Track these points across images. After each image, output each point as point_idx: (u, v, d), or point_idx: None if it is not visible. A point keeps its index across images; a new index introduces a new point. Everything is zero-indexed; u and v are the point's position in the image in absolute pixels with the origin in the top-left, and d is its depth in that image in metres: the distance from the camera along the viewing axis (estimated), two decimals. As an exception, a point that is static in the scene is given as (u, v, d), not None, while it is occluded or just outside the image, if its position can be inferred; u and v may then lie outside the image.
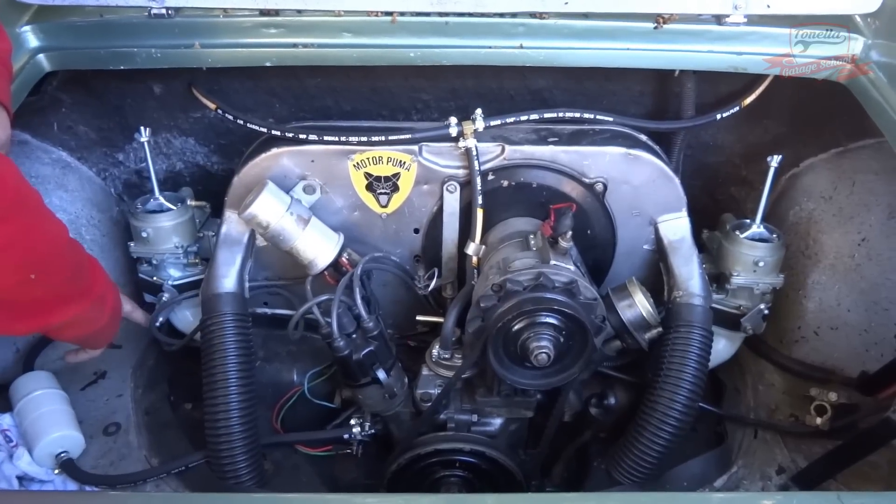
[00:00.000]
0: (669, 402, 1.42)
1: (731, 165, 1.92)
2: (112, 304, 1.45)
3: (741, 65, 1.55)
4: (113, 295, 1.46)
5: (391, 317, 1.79)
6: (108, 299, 1.43)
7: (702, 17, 1.54)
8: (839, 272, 1.71)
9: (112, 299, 1.45)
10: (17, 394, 1.55)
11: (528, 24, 1.52)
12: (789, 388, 1.71)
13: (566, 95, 1.73)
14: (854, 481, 1.43)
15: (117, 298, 1.49)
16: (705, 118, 1.67)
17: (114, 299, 1.46)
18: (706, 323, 1.49)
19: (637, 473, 1.46)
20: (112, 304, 1.45)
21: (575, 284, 1.35)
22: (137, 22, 1.52)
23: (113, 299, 1.46)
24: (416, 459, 1.52)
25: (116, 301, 1.48)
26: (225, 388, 1.42)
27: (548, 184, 1.58)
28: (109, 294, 1.44)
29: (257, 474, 1.46)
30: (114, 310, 1.47)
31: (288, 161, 1.56)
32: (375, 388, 1.53)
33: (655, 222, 1.63)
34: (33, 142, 1.79)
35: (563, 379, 1.40)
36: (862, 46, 1.53)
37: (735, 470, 1.53)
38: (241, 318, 1.49)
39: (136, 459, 1.53)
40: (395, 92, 1.73)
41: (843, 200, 1.73)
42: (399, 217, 1.64)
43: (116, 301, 1.48)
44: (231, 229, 1.58)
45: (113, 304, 1.46)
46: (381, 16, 1.51)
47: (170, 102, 1.77)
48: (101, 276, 1.41)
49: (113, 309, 1.46)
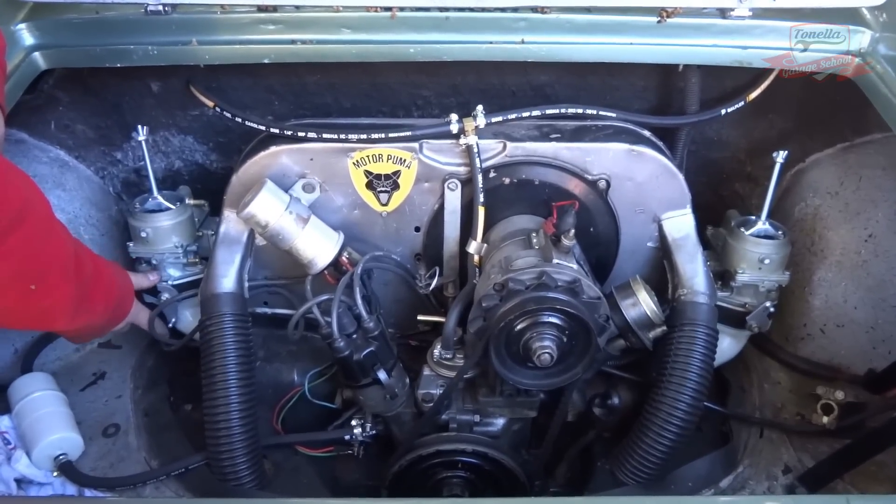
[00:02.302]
0: (674, 401, 1.41)
1: (736, 161, 1.90)
2: (109, 313, 1.45)
3: (746, 59, 1.53)
4: (113, 305, 1.46)
5: (392, 316, 1.78)
6: (107, 310, 1.43)
7: (706, 10, 1.52)
8: (846, 269, 1.69)
9: (111, 309, 1.45)
10: (15, 395, 1.55)
11: (529, 18, 1.50)
12: (795, 386, 1.70)
13: (568, 91, 1.71)
14: (861, 481, 1.42)
15: (119, 308, 1.49)
16: (710, 113, 1.66)
17: (113, 309, 1.46)
18: (711, 321, 1.48)
19: (641, 474, 1.44)
20: (109, 313, 1.45)
21: (578, 283, 1.33)
22: (134, 19, 1.51)
23: (112, 309, 1.46)
24: (417, 460, 1.51)
25: (116, 311, 1.48)
26: (225, 390, 1.41)
27: (550, 181, 1.57)
28: (110, 305, 1.44)
29: (258, 476, 1.45)
30: (111, 318, 1.47)
31: (287, 159, 1.55)
32: (376, 389, 1.51)
33: (659, 219, 1.61)
34: (31, 141, 1.78)
35: (567, 379, 1.38)
36: (869, 40, 1.51)
37: (741, 470, 1.52)
38: (240, 318, 1.48)
39: (135, 461, 1.52)
40: (395, 88, 1.72)
41: (849, 196, 1.71)
42: (400, 215, 1.63)
43: (116, 311, 1.48)
44: (230, 228, 1.57)
45: (111, 314, 1.46)
46: (381, 11, 1.49)
47: (168, 100, 1.75)
48: (104, 289, 1.39)
49: (110, 318, 1.46)
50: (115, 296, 1.45)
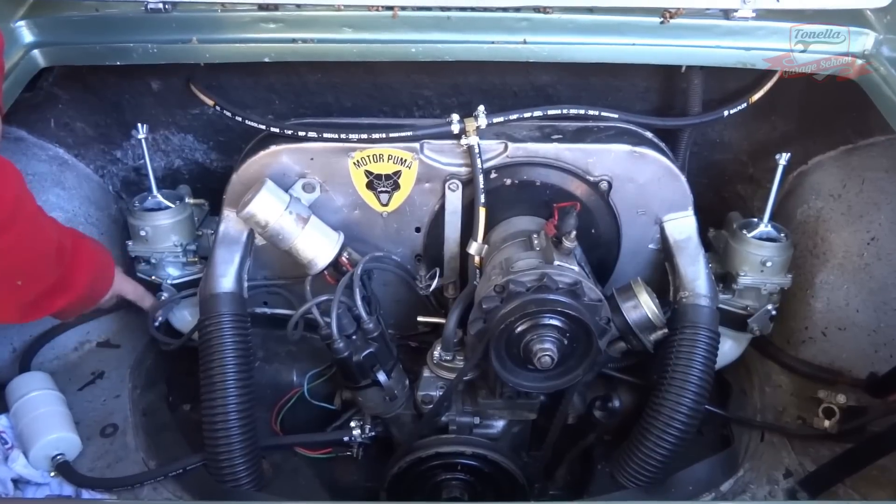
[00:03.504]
0: (675, 404, 1.40)
1: (738, 163, 1.90)
2: (89, 287, 1.46)
3: (749, 61, 1.53)
4: (94, 278, 1.46)
5: (392, 317, 1.77)
6: (88, 286, 1.44)
7: (709, 11, 1.51)
8: (848, 272, 1.68)
9: (91, 282, 1.45)
10: (13, 395, 1.54)
11: (531, 18, 1.50)
12: (797, 389, 1.69)
13: (570, 92, 1.71)
14: (863, 486, 1.41)
15: (100, 280, 1.50)
16: (712, 115, 1.65)
17: (93, 282, 1.47)
18: (713, 324, 1.47)
19: (642, 477, 1.43)
20: (89, 287, 1.46)
21: (579, 285, 1.33)
22: (134, 17, 1.50)
23: (92, 282, 1.46)
24: (417, 462, 1.50)
25: (97, 283, 1.49)
26: (223, 390, 1.41)
27: (551, 182, 1.56)
28: (90, 279, 1.44)
29: (256, 477, 1.44)
30: (92, 291, 1.48)
31: (287, 159, 1.54)
32: (376, 391, 1.51)
33: (661, 221, 1.60)
34: (30, 138, 1.77)
35: (567, 382, 1.38)
36: (873, 42, 1.51)
37: (742, 473, 1.51)
38: (239, 318, 1.47)
39: (133, 461, 1.51)
40: (396, 88, 1.71)
41: (852, 198, 1.70)
42: (400, 216, 1.62)
43: (97, 283, 1.49)
44: (229, 228, 1.57)
45: (90, 287, 1.46)
46: (382, 10, 1.49)
47: (168, 99, 1.75)
48: (84, 266, 1.40)
49: (91, 291, 1.47)
50: (94, 269, 1.46)
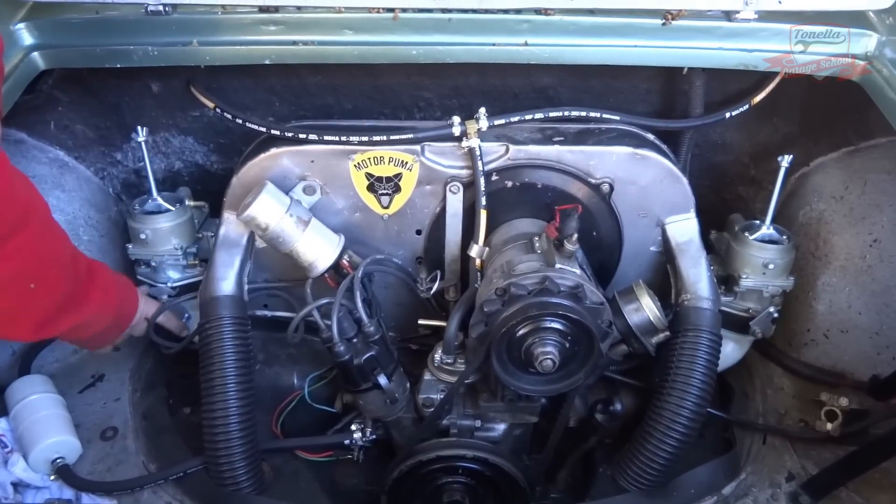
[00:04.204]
0: (677, 407, 1.40)
1: (740, 165, 1.89)
2: (114, 310, 1.45)
3: (751, 62, 1.52)
4: (116, 301, 1.45)
5: (393, 320, 1.77)
6: (109, 306, 1.43)
7: (711, 13, 1.52)
8: (850, 274, 1.68)
9: (114, 305, 1.45)
10: (12, 398, 1.54)
11: (532, 20, 1.49)
12: (799, 392, 1.68)
13: (572, 94, 1.70)
14: (866, 489, 1.40)
15: (124, 303, 1.49)
16: (714, 117, 1.65)
17: (117, 305, 1.46)
18: (714, 327, 1.47)
19: (643, 480, 1.43)
20: (114, 310, 1.45)
21: (581, 289, 1.32)
22: (134, 19, 1.50)
23: (116, 305, 1.46)
24: (418, 466, 1.50)
25: (121, 307, 1.48)
26: (223, 394, 1.40)
27: (553, 184, 1.56)
28: (111, 301, 1.44)
29: (256, 480, 1.44)
30: (117, 315, 1.47)
31: (287, 161, 1.54)
32: (376, 394, 1.50)
33: (663, 223, 1.60)
34: (30, 141, 1.77)
35: (569, 385, 1.37)
36: (875, 43, 1.51)
37: (743, 477, 1.50)
38: (239, 321, 1.47)
39: (133, 465, 1.50)
40: (396, 90, 1.71)
41: (854, 200, 1.70)
42: (401, 218, 1.61)
43: (121, 307, 1.48)
44: (230, 231, 1.56)
45: (115, 310, 1.45)
46: (383, 12, 1.49)
47: (168, 101, 1.75)
48: (101, 284, 1.39)
49: (116, 314, 1.46)
50: (114, 292, 1.45)
